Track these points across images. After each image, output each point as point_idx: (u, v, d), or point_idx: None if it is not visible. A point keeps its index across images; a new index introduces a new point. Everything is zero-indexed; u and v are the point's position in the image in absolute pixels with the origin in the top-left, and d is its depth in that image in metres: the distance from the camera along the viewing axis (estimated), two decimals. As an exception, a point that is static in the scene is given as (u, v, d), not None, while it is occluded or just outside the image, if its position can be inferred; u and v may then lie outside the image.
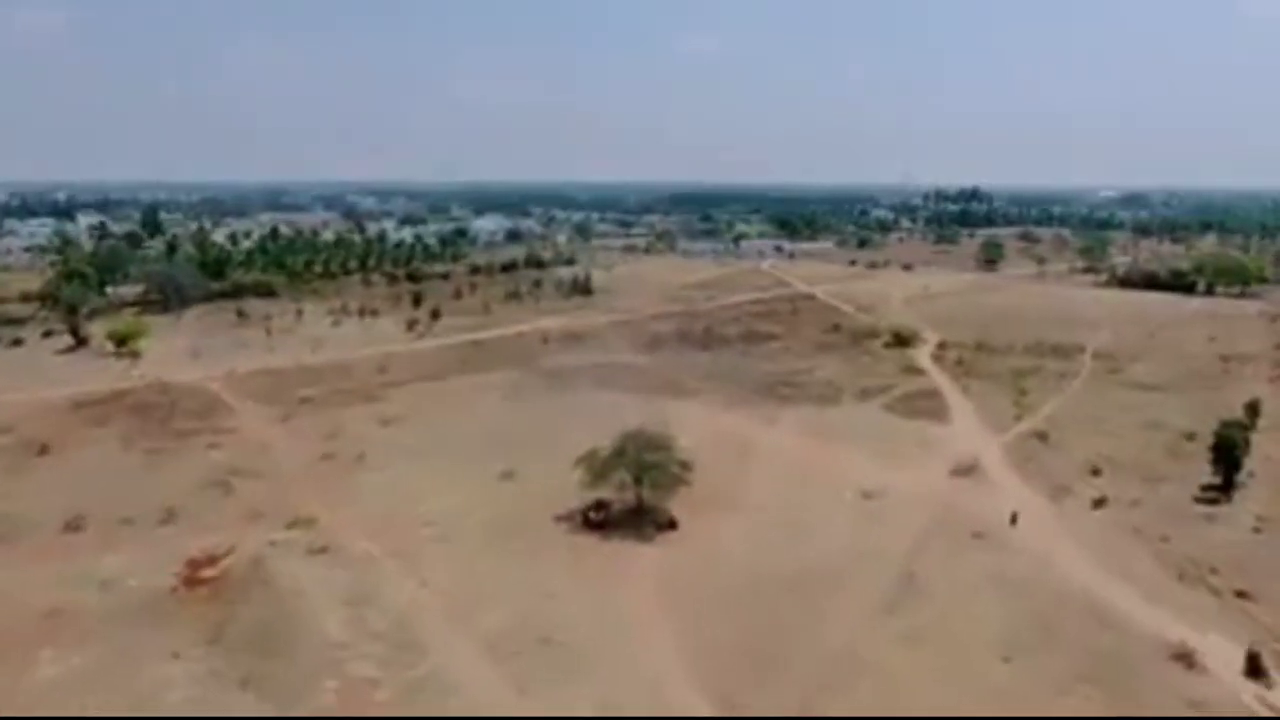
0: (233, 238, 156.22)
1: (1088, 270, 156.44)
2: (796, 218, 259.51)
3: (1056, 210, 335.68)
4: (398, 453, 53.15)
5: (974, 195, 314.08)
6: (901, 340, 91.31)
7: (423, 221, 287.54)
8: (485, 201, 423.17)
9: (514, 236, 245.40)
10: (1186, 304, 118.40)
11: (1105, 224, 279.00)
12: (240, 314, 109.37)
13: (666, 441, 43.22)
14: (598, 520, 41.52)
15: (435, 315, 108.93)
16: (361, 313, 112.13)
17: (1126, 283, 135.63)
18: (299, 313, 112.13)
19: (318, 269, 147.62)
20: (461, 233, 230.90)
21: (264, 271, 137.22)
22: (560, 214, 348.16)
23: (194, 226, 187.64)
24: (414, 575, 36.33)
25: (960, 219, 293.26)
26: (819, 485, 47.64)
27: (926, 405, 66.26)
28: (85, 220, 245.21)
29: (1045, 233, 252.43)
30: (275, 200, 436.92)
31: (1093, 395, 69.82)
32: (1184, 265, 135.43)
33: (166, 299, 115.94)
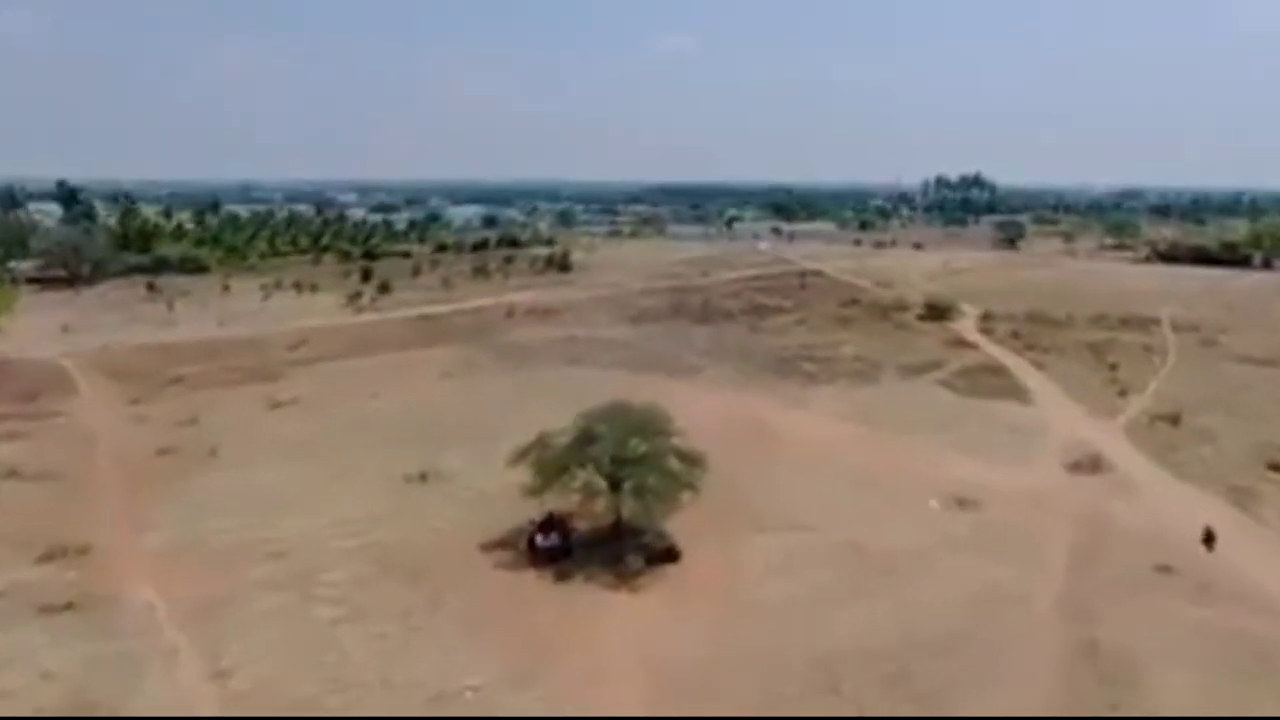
0: (167, 212, 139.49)
1: (1119, 247, 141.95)
2: (792, 202, 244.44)
3: (1052, 203, 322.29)
4: (273, 446, 37.08)
5: (976, 182, 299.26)
6: (937, 312, 76.10)
7: (395, 209, 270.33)
8: (467, 196, 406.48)
9: (491, 223, 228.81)
10: (1248, 276, 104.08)
11: (1116, 210, 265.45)
12: (151, 288, 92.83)
13: (659, 421, 27.30)
14: (549, 549, 25.61)
15: (384, 289, 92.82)
16: (299, 287, 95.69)
17: (1170, 258, 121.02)
18: (225, 288, 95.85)
19: (260, 246, 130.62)
20: (435, 218, 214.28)
21: (197, 246, 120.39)
22: (544, 205, 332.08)
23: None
24: (206, 660, 20.24)
25: (962, 206, 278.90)
26: (884, 489, 32.05)
27: (995, 383, 51.00)
28: (34, 207, 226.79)
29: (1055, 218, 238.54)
30: (245, 195, 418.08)
31: (1200, 371, 54.79)
32: (1237, 237, 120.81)
33: (72, 273, 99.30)
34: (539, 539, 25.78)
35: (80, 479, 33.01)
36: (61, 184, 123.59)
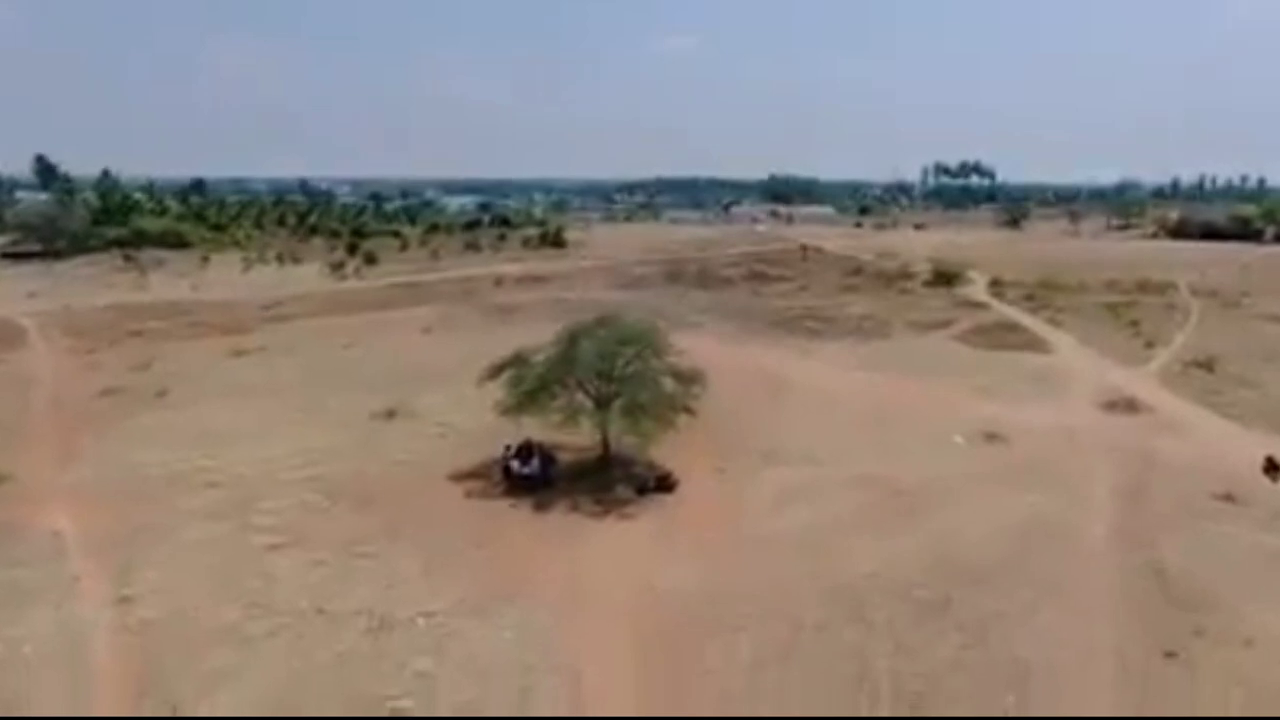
0: (150, 190, 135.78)
1: (1124, 227, 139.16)
2: (790, 189, 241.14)
3: (1052, 196, 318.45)
4: (230, 388, 33.87)
5: (976, 169, 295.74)
6: (944, 278, 73.02)
7: (388, 199, 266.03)
8: (462, 189, 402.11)
9: (485, 209, 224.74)
10: (1261, 249, 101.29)
11: (1119, 197, 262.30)
12: (128, 259, 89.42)
13: (652, 335, 24.13)
14: (527, 477, 22.43)
15: (370, 260, 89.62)
16: (281, 258, 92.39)
17: (1178, 234, 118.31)
18: (204, 259, 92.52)
19: (246, 225, 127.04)
20: (428, 204, 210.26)
21: (179, 222, 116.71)
22: (540, 197, 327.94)
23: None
24: (110, 587, 17.02)
25: (962, 194, 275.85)
26: (902, 428, 28.90)
27: (1012, 338, 47.98)
28: (21, 194, 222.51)
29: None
30: (238, 189, 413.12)
31: (1228, 326, 51.76)
32: (1249, 212, 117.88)
33: (47, 247, 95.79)
34: (515, 465, 22.58)
35: (11, 417, 29.74)
36: (40, 159, 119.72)
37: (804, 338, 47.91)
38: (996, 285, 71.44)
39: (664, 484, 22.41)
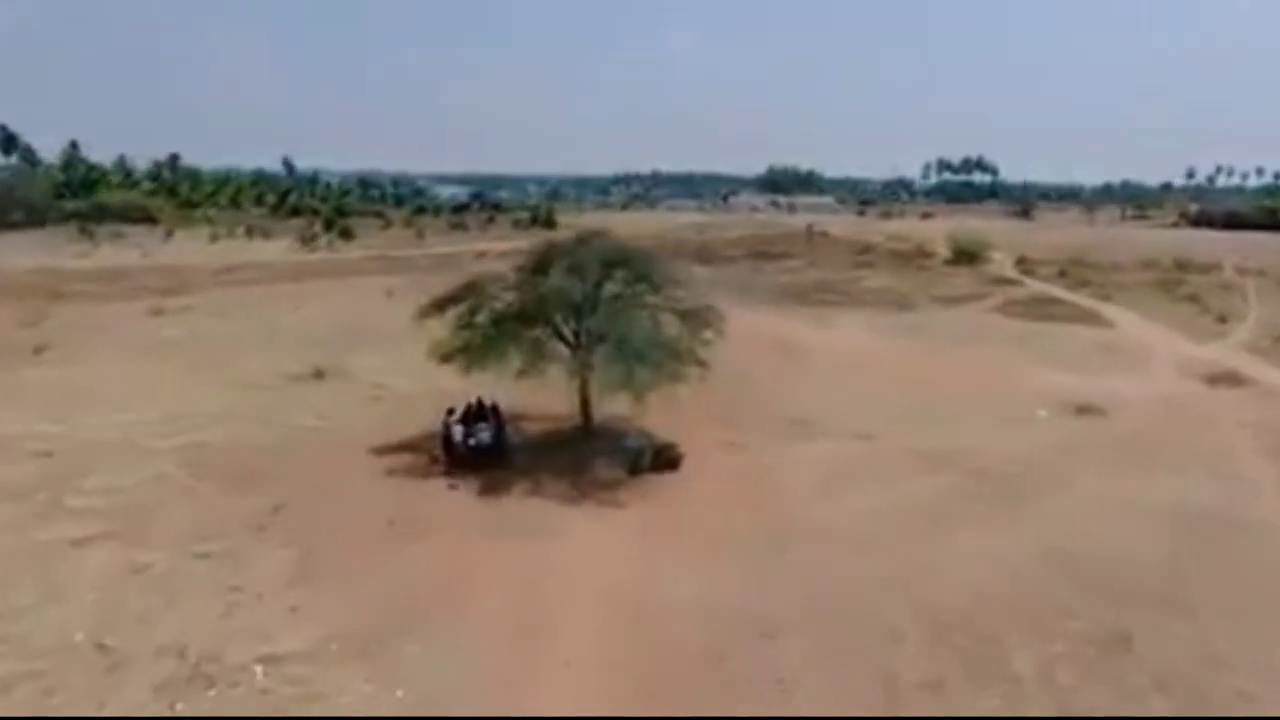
0: (122, 164, 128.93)
1: (1139, 218, 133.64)
2: (789, 179, 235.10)
3: (1054, 194, 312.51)
4: (131, 346, 27.72)
5: (979, 164, 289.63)
6: (966, 256, 67.27)
7: (378, 187, 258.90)
8: (458, 182, 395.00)
9: (477, 197, 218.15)
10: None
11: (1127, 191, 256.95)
12: (84, 231, 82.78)
13: (651, 261, 18.05)
14: (474, 450, 16.30)
15: (346, 235, 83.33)
16: (250, 232, 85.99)
17: (1200, 224, 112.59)
18: (168, 234, 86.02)
19: (220, 202, 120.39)
20: (419, 192, 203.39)
21: (150, 197, 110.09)
22: (534, 188, 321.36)
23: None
24: None
25: (964, 190, 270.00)
26: (961, 395, 22.95)
27: (1057, 311, 42.11)
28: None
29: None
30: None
31: (1298, 304, 45.95)
32: (1274, 203, 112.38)
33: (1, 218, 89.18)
34: (457, 433, 16.43)
35: None
36: (2, 128, 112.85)
37: (817, 308, 42.00)
38: (1023, 264, 65.65)
39: (664, 459, 16.36)
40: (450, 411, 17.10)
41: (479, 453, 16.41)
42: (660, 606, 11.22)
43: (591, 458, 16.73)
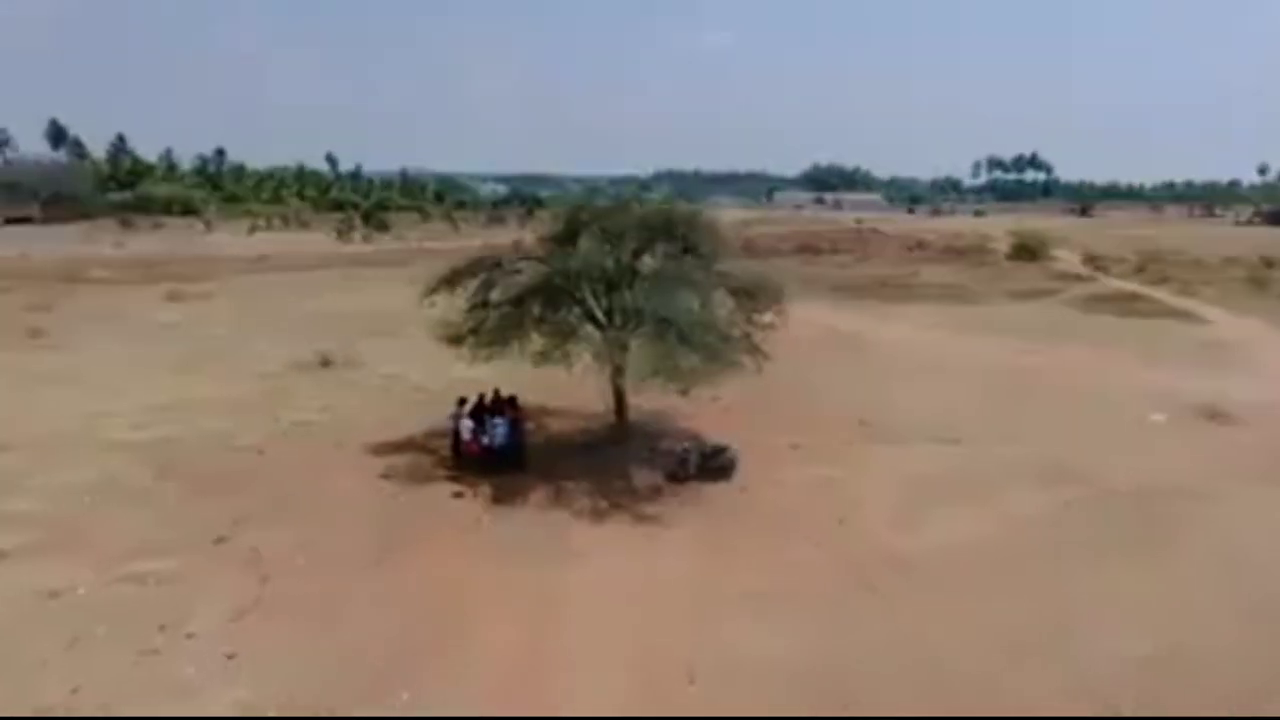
0: (168, 158, 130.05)
1: (1207, 215, 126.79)
2: (834, 178, 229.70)
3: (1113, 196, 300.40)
4: (134, 332, 25.84)
5: (1032, 162, 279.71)
6: (1029, 251, 63.04)
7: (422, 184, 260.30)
8: (499, 180, 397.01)
9: (517, 194, 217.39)
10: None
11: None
12: (125, 223, 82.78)
13: (698, 220, 15.15)
14: (487, 449, 13.67)
15: (382, 227, 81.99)
16: (286, 221, 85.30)
17: (1276, 221, 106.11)
18: (207, 224, 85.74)
19: (264, 196, 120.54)
20: (460, 188, 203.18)
21: (194, 189, 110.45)
22: (574, 186, 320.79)
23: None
24: None
25: (1017, 188, 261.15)
26: (1059, 397, 19.66)
27: (1142, 307, 38.28)
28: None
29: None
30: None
31: None
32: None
33: (47, 210, 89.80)
34: (465, 429, 13.82)
35: None
36: (53, 123, 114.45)
37: (875, 302, 38.73)
38: (1092, 260, 61.44)
39: (715, 465, 13.54)
40: (462, 402, 14.51)
41: (493, 453, 13.80)
42: (710, 667, 8.42)
43: (626, 462, 14.03)
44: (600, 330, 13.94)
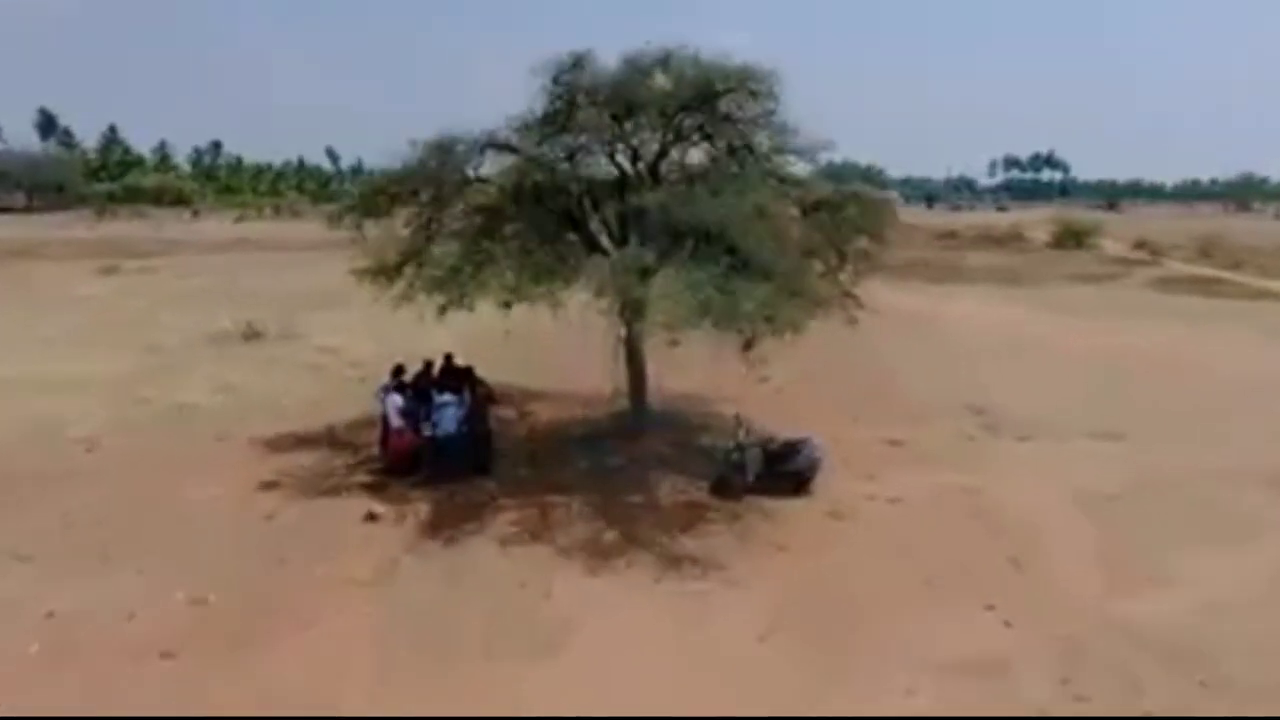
0: (162, 149, 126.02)
1: (1242, 209, 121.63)
2: (849, 172, 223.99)
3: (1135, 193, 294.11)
4: (42, 302, 21.15)
5: (1049, 161, 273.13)
6: (1073, 237, 58.09)
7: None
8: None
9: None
10: None
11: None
12: (101, 212, 78.45)
13: (754, 100, 10.16)
14: (428, 440, 8.84)
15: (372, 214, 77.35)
16: (279, 211, 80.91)
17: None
18: (194, 213, 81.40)
19: (261, 188, 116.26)
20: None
21: (186, 181, 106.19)
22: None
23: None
24: None
25: (1034, 187, 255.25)
26: (1197, 383, 14.72)
27: (1228, 289, 33.57)
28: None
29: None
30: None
31: None
32: None
33: (32, 198, 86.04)
34: (394, 411, 9.04)
35: None
36: (42, 112, 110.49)
37: (921, 282, 33.90)
38: (1143, 247, 56.45)
39: (789, 469, 8.59)
40: (398, 372, 9.73)
41: (438, 449, 9.00)
42: None
43: (645, 464, 9.21)
44: (604, 254, 9.08)
